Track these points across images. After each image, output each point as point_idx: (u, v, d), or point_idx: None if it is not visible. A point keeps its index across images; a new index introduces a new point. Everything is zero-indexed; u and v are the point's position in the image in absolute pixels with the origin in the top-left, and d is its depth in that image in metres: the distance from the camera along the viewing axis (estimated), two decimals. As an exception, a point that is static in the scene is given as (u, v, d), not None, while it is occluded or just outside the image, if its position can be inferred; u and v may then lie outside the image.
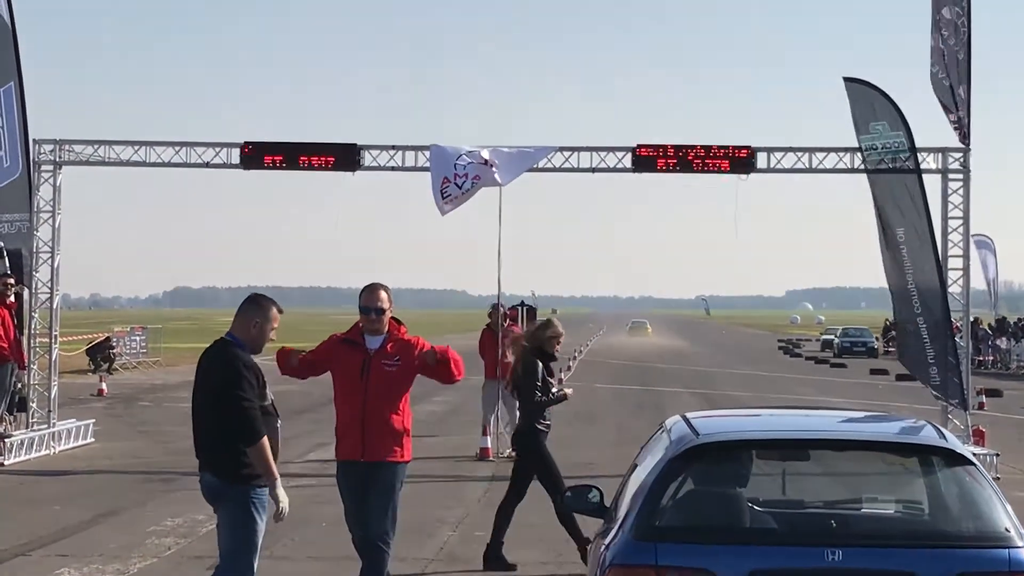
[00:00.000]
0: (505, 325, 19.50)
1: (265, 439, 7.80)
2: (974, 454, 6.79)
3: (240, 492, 7.86)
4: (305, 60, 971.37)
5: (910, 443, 6.54)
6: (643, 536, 5.91)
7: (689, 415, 6.93)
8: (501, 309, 19.74)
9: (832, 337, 67.68)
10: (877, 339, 64.28)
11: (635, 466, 6.83)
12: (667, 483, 6.13)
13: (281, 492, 7.88)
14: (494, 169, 18.65)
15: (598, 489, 6.97)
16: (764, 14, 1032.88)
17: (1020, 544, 5.84)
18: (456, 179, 18.68)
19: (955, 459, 6.22)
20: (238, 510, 7.89)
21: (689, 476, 6.28)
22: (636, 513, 6.04)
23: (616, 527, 6.20)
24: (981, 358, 47.06)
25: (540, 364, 11.57)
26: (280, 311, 8.18)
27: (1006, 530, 5.90)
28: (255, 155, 20.12)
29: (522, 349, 11.91)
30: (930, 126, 19.27)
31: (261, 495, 7.89)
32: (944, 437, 6.41)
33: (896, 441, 6.67)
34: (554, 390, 11.70)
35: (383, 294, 9.05)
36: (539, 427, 11.50)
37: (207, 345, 8.24)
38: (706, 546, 5.91)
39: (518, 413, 19.77)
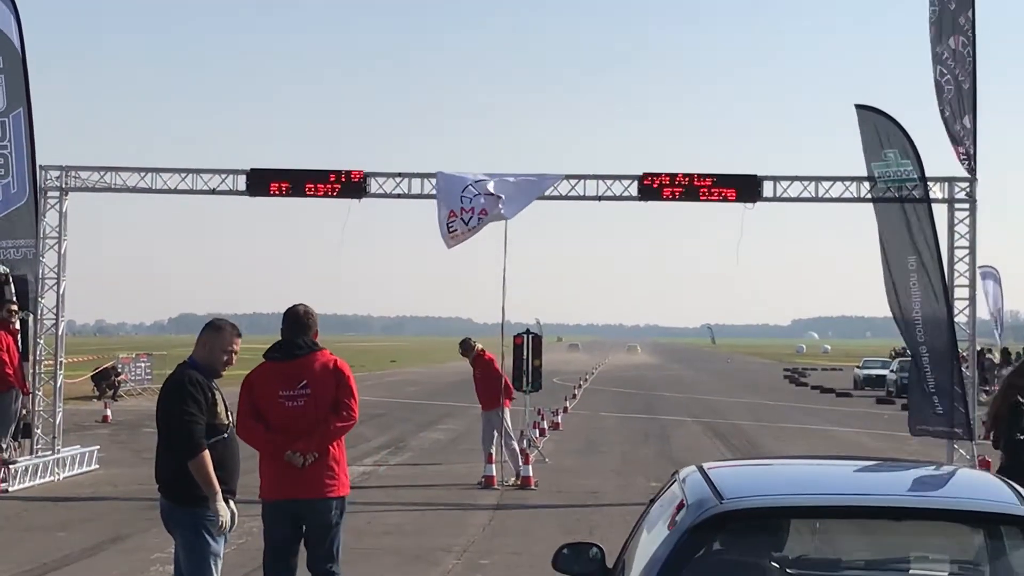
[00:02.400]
0: (476, 353, 19.62)
1: (205, 453, 7.81)
2: None
3: (190, 515, 7.89)
4: (309, 83, 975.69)
5: (989, 512, 5.21)
6: None
7: (707, 466, 5.72)
8: (472, 342, 19.93)
9: (884, 372, 52.70)
10: None
11: (642, 526, 5.79)
12: (683, 558, 4.94)
13: (221, 506, 7.88)
14: (500, 205, 18.72)
15: (599, 548, 5.86)
16: (770, 40, 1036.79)
17: None
18: (463, 214, 18.76)
19: None
20: (190, 534, 7.91)
21: (711, 549, 5.19)
22: None
23: None
24: (987, 388, 46.93)
25: None
26: (238, 335, 8.20)
27: None
28: (260, 182, 20.17)
29: (1007, 389, 11.83)
30: (936, 155, 19.29)
31: (212, 517, 7.89)
32: None
33: (971, 510, 5.26)
34: None
35: None
36: None
37: None
38: None
39: (514, 441, 20.00)
